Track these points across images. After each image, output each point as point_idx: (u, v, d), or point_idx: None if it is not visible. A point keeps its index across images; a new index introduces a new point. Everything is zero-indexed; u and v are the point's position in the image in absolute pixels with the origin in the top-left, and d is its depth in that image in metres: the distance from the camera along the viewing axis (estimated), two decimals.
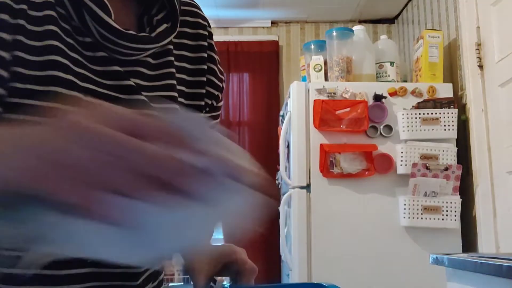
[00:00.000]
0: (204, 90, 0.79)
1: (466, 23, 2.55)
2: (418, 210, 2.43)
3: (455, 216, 2.42)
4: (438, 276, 2.08)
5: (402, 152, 2.47)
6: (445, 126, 2.49)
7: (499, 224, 2.27)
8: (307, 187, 2.53)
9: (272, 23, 3.96)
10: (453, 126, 2.48)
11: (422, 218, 2.43)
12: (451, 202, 2.42)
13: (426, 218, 2.43)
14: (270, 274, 3.46)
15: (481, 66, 2.43)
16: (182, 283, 3.21)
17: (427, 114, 2.49)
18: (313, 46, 2.94)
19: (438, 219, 2.42)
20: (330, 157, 2.48)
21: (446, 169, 2.44)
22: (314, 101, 2.54)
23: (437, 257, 1.66)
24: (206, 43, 0.80)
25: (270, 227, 3.43)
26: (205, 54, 0.79)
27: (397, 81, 2.81)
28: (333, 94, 2.55)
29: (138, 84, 0.69)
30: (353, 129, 2.49)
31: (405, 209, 2.44)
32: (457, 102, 2.55)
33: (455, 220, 2.42)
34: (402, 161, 2.47)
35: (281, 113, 3.21)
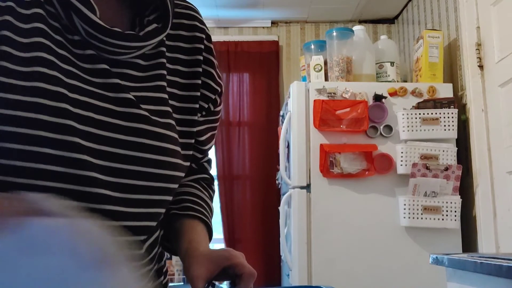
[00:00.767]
0: (198, 93, 0.78)
1: (466, 23, 2.55)
2: (418, 210, 2.43)
3: (455, 216, 2.42)
4: (438, 276, 2.08)
5: (402, 152, 2.47)
6: (445, 126, 2.49)
7: (499, 224, 2.26)
8: (307, 187, 2.53)
9: (272, 23, 3.95)
10: (453, 126, 2.48)
11: (422, 218, 2.43)
12: (451, 202, 2.42)
13: (426, 218, 2.43)
14: (270, 274, 3.46)
15: (481, 66, 2.43)
16: (182, 283, 3.21)
17: (427, 114, 2.49)
18: (313, 46, 2.93)
19: (438, 219, 2.42)
20: (330, 157, 2.48)
21: (446, 169, 2.44)
22: (314, 101, 2.54)
23: (437, 257, 1.66)
24: (202, 46, 0.80)
25: (270, 227, 3.43)
26: (200, 57, 0.79)
27: (397, 81, 2.81)
28: (333, 94, 2.55)
29: (127, 85, 0.69)
30: (353, 129, 2.49)
31: (405, 209, 2.44)
32: (457, 102, 2.54)
33: (455, 220, 2.42)
34: (402, 161, 2.47)
35: (281, 113, 3.21)
